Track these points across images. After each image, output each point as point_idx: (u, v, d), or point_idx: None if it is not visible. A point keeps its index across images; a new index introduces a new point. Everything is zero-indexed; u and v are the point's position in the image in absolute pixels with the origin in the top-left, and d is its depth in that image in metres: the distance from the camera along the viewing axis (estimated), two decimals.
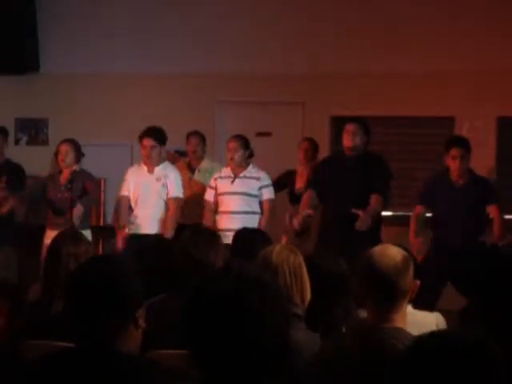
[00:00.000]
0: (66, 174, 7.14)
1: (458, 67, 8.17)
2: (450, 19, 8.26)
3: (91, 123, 8.76)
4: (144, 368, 2.42)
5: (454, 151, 6.45)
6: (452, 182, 6.55)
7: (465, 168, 6.48)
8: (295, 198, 7.35)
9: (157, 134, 6.89)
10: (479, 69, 8.12)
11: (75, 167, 7.18)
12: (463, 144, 6.52)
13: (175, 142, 7.66)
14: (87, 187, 7.07)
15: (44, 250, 6.82)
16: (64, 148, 7.15)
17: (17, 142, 9.12)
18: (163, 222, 6.85)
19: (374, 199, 6.44)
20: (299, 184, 7.44)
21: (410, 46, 8.33)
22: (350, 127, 6.61)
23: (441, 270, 6.21)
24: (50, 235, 6.84)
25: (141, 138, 6.89)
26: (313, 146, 7.64)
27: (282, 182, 7.55)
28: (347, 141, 6.60)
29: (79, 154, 7.20)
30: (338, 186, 6.54)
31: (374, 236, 6.34)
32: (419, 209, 6.72)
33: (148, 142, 6.86)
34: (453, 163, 6.47)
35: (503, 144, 8.33)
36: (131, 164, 7.42)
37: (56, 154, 7.25)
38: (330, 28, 8.54)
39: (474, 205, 6.47)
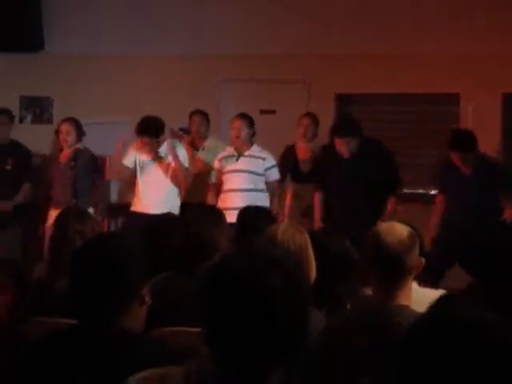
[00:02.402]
0: (67, 153, 7.12)
1: (462, 46, 8.12)
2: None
3: (95, 102, 8.74)
4: (151, 345, 2.42)
5: (454, 155, 6.43)
6: (460, 169, 6.52)
7: (469, 163, 6.43)
8: (298, 178, 7.34)
9: (153, 130, 6.74)
10: (482, 47, 8.07)
11: (79, 145, 7.17)
12: (462, 147, 6.41)
13: (179, 121, 7.64)
14: (99, 165, 7.08)
15: (48, 230, 6.83)
16: (66, 127, 7.13)
17: (21, 120, 9.10)
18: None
19: (391, 204, 6.58)
20: (301, 156, 7.41)
21: (414, 25, 8.28)
22: (342, 141, 6.54)
23: (451, 250, 6.17)
24: (52, 215, 6.85)
25: (137, 133, 6.76)
26: (314, 122, 7.58)
27: (287, 159, 7.49)
28: (344, 154, 6.58)
29: (81, 133, 7.18)
30: (342, 176, 6.56)
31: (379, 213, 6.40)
32: (440, 199, 6.73)
33: (145, 139, 6.74)
34: (456, 161, 6.45)
35: (508, 120, 8.29)
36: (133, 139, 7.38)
37: (57, 132, 7.23)
38: (334, 6, 8.49)
39: (485, 190, 6.42)
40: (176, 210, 6.85)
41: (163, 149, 6.88)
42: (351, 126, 6.72)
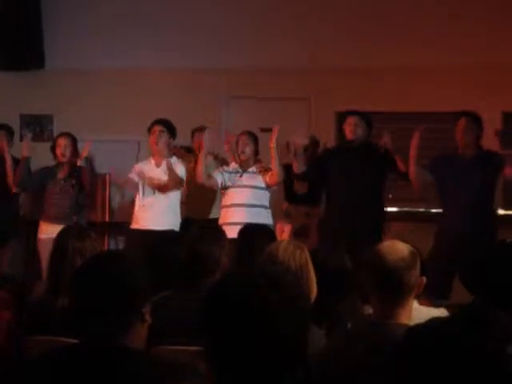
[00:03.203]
0: (66, 169, 7.12)
1: (462, 62, 8.14)
2: (450, 18, 8.24)
3: (96, 119, 8.76)
4: (151, 364, 2.41)
5: (460, 125, 6.42)
6: (459, 156, 6.47)
7: (470, 139, 6.41)
8: (294, 199, 7.36)
9: (166, 123, 6.92)
10: (483, 63, 8.09)
11: (79, 162, 7.15)
12: (468, 114, 6.47)
13: (182, 138, 7.66)
14: (82, 180, 7.04)
15: (40, 245, 6.84)
16: (63, 141, 7.14)
17: (22, 138, 9.09)
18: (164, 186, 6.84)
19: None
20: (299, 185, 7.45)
21: (415, 41, 8.31)
22: (351, 119, 6.72)
23: (451, 262, 6.09)
24: (44, 229, 6.86)
25: (151, 126, 6.91)
26: (313, 142, 7.62)
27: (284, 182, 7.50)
28: (350, 133, 6.71)
29: (77, 149, 7.17)
30: (342, 178, 6.58)
31: (377, 231, 6.40)
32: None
33: (158, 127, 6.89)
34: (458, 133, 6.43)
35: (507, 137, 8.31)
36: (137, 160, 7.40)
37: (53, 147, 7.22)
38: (334, 24, 8.52)
39: (484, 180, 6.36)
40: (177, 226, 6.86)
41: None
42: (363, 113, 6.83)
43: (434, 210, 6.83)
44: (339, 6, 8.54)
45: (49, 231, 6.43)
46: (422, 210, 8.05)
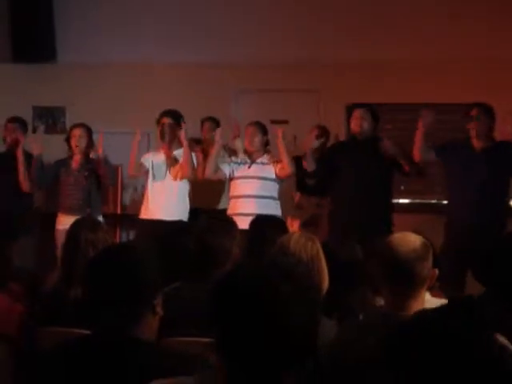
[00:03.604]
0: (78, 159, 7.11)
1: (473, 56, 8.11)
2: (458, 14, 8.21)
3: (108, 112, 8.75)
4: (161, 355, 2.42)
5: (472, 112, 6.40)
6: (472, 146, 6.42)
7: (483, 130, 6.37)
8: (305, 190, 7.34)
9: (174, 114, 6.92)
10: (494, 57, 8.05)
11: (92, 154, 7.15)
12: (479, 104, 6.45)
13: (191, 129, 7.66)
14: (99, 173, 7.03)
15: (57, 236, 6.84)
16: (78, 132, 7.11)
17: (34, 130, 9.11)
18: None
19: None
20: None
21: (424, 35, 8.27)
22: (357, 112, 6.74)
23: (462, 257, 6.06)
24: (61, 220, 6.85)
25: (159, 118, 6.92)
26: (323, 133, 7.57)
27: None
28: (355, 126, 6.72)
29: (92, 140, 7.16)
30: (350, 170, 6.58)
31: (386, 223, 6.40)
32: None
33: (165, 119, 6.90)
34: (471, 123, 6.39)
35: None
36: (147, 151, 7.40)
37: (68, 138, 7.21)
38: (345, 17, 8.50)
39: (497, 167, 6.31)
40: (186, 216, 6.87)
41: (179, 153, 6.91)
42: (371, 106, 6.84)
43: (445, 202, 6.79)
44: (351, 1, 8.51)
45: (64, 222, 6.43)
46: (433, 201, 8.02)
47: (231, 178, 6.88)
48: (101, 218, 6.70)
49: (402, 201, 7.03)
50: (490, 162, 6.30)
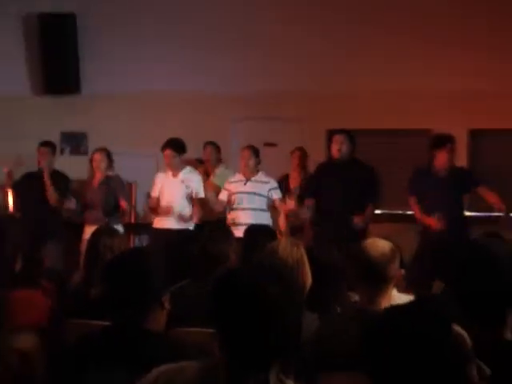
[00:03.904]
0: (98, 177, 7.16)
1: (436, 86, 8.13)
2: (425, 45, 8.22)
3: (123, 135, 8.76)
4: (169, 343, 2.42)
5: (442, 153, 6.40)
6: (435, 173, 6.46)
7: (450, 161, 6.43)
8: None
9: (175, 145, 6.84)
10: (453, 87, 8.08)
11: (110, 172, 7.20)
12: (450, 141, 6.46)
13: (196, 151, 7.70)
14: (121, 203, 7.09)
15: (83, 244, 6.84)
16: (98, 156, 7.17)
17: (62, 152, 9.14)
18: (189, 215, 6.83)
19: (369, 209, 6.55)
20: (293, 185, 7.48)
21: (393, 67, 8.27)
22: (336, 138, 6.61)
23: (433, 263, 6.05)
24: (87, 231, 6.85)
25: (163, 149, 6.87)
26: (303, 154, 7.67)
27: (281, 185, 7.50)
28: (335, 150, 6.59)
29: (111, 161, 7.21)
30: (331, 188, 6.53)
31: (363, 230, 6.39)
32: (413, 200, 6.61)
33: (168, 152, 6.83)
34: (441, 159, 6.41)
35: (473, 152, 8.31)
36: (157, 170, 7.39)
37: (91, 161, 7.28)
38: (327, 55, 8.51)
39: (457, 193, 6.39)
40: (191, 225, 6.86)
41: (185, 172, 6.90)
42: (348, 132, 6.71)
43: (409, 212, 6.80)
44: (330, 42, 8.51)
45: (88, 233, 6.44)
46: (400, 212, 8.02)
47: (230, 195, 6.90)
48: (120, 227, 6.71)
49: (377, 211, 7.03)
50: (453, 188, 6.38)
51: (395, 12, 8.35)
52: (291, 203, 6.82)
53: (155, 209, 6.94)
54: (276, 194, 6.90)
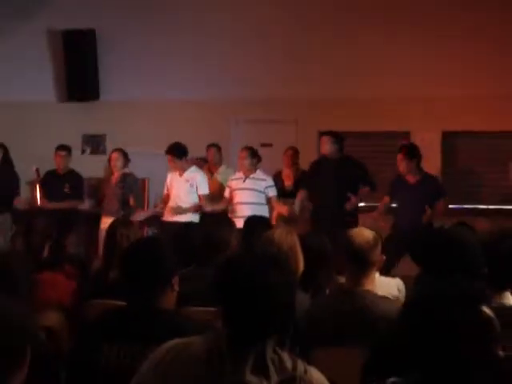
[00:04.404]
0: (116, 175, 7.17)
1: (414, 93, 8.10)
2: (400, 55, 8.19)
3: (138, 137, 8.75)
4: (179, 320, 2.42)
5: (399, 158, 6.55)
6: (406, 180, 6.55)
7: (410, 168, 6.47)
8: (284, 194, 7.34)
9: (174, 151, 6.81)
10: (429, 94, 8.06)
11: (126, 170, 7.21)
12: (407, 150, 6.57)
13: (199, 152, 7.70)
14: (130, 187, 7.10)
15: (101, 233, 6.85)
16: (115, 155, 7.19)
17: (83, 152, 9.16)
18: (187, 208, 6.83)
19: (366, 190, 6.74)
20: (287, 183, 7.48)
21: (377, 75, 8.22)
22: (322, 138, 6.86)
23: (400, 245, 6.12)
24: (104, 221, 6.87)
25: (166, 154, 6.87)
26: (295, 153, 7.66)
27: (276, 181, 7.48)
28: (323, 149, 6.81)
29: (127, 160, 7.22)
30: (323, 182, 6.60)
31: (353, 220, 6.42)
32: (386, 199, 6.80)
33: (168, 157, 6.85)
34: (400, 164, 6.54)
35: (446, 152, 8.31)
36: (167, 168, 7.37)
37: (109, 160, 7.29)
38: (318, 63, 8.46)
39: (423, 199, 6.43)
40: (196, 218, 6.88)
41: (190, 172, 6.90)
42: (335, 133, 6.82)
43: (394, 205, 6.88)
44: (323, 51, 8.46)
45: (105, 222, 6.46)
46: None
47: (231, 191, 6.92)
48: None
49: (360, 204, 7.08)
50: (422, 194, 6.43)
51: (383, 18, 8.23)
52: (284, 208, 6.85)
53: (166, 204, 6.96)
54: (272, 192, 6.90)
